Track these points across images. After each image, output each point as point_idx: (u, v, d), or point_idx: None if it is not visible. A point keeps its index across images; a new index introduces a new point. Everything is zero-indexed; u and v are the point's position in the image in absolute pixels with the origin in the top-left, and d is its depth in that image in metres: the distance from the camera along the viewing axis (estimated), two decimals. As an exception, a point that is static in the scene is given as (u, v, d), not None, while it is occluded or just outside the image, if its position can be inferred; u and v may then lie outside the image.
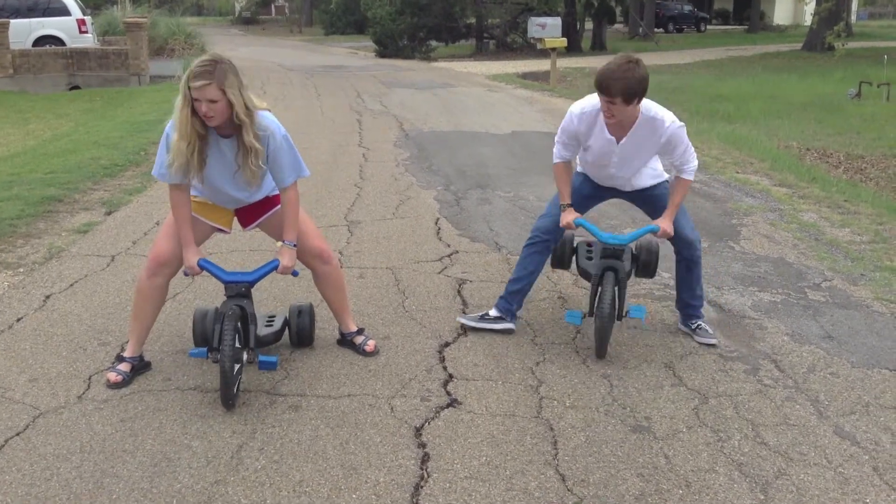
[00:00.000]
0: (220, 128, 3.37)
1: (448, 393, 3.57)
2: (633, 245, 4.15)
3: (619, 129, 3.83)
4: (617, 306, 3.86)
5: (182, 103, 3.26)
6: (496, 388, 3.62)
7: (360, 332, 4.03)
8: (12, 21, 18.32)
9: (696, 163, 3.96)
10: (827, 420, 3.38)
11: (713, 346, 4.07)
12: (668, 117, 3.82)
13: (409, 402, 3.48)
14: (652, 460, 3.06)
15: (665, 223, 3.94)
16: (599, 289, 3.88)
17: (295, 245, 3.60)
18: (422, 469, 2.98)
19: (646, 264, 4.20)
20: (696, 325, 4.19)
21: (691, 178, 3.98)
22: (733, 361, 3.93)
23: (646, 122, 3.81)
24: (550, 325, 4.35)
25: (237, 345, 3.32)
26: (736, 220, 6.55)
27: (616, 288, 3.85)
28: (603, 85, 3.61)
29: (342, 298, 3.98)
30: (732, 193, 7.50)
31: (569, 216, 4.03)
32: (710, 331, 4.16)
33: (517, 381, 3.70)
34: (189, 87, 3.21)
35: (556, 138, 4.12)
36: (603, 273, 3.89)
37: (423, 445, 3.14)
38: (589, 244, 4.32)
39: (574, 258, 4.32)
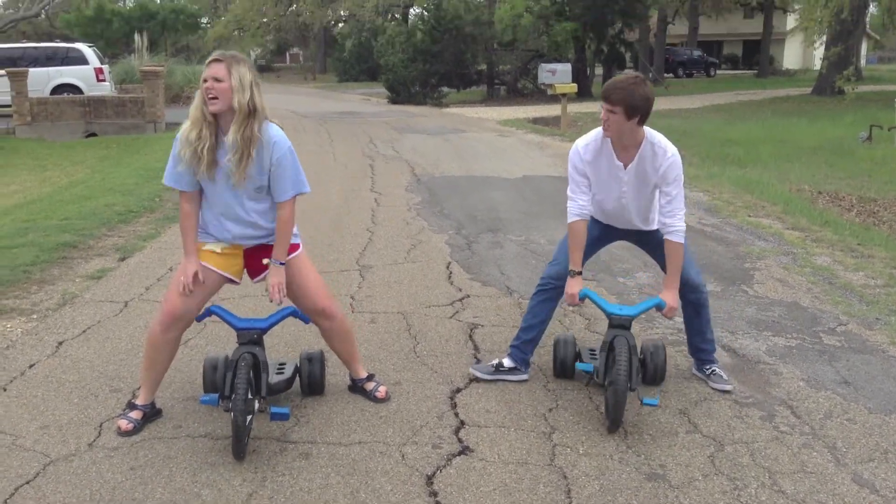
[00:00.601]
0: (224, 120, 3.37)
1: (460, 440, 3.53)
2: (639, 348, 3.94)
3: (625, 151, 3.81)
4: (632, 376, 3.59)
5: (198, 94, 3.35)
6: (508, 435, 3.58)
7: (370, 377, 4.00)
8: (31, 70, 18.69)
9: (683, 221, 3.83)
10: (845, 467, 3.32)
11: (728, 392, 4.01)
12: (670, 148, 3.81)
13: (421, 449, 3.45)
14: (667, 509, 3.01)
15: (669, 296, 3.85)
16: (610, 357, 3.70)
17: (283, 264, 3.56)
18: (433, 518, 2.94)
19: (654, 370, 4.05)
20: (710, 370, 4.14)
21: (681, 240, 3.83)
22: (749, 407, 3.88)
23: (649, 147, 3.80)
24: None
25: (249, 395, 3.30)
26: (749, 263, 6.52)
27: (629, 356, 3.60)
28: (607, 92, 3.67)
29: (350, 348, 3.96)
30: (745, 237, 7.48)
31: (575, 287, 3.89)
32: (725, 376, 4.11)
33: (530, 427, 3.66)
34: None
35: (568, 192, 4.03)
36: (613, 340, 3.69)
37: (434, 494, 3.10)
38: (591, 349, 4.23)
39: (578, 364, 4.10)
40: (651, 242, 4.16)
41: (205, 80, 3.32)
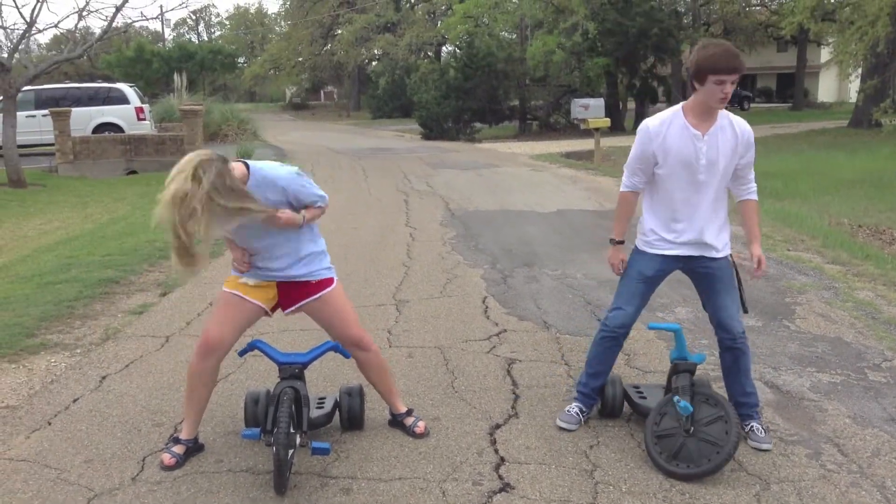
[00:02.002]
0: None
1: (500, 477, 3.51)
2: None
3: (703, 122, 3.67)
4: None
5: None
6: (549, 473, 3.55)
7: (409, 412, 4.00)
8: (74, 109, 19.17)
9: (754, 180, 3.90)
10: (896, 508, 3.24)
11: (767, 450, 3.76)
12: (741, 119, 3.76)
13: (461, 486, 3.43)
14: (713, 549, 2.96)
15: (757, 249, 3.86)
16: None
17: (304, 216, 3.56)
18: (475, 556, 2.91)
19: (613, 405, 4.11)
20: (749, 426, 3.86)
21: (756, 196, 3.91)
22: (794, 445, 3.81)
23: (725, 117, 3.71)
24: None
25: (291, 429, 3.32)
26: (790, 298, 6.44)
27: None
28: (732, 63, 3.48)
29: (387, 381, 3.97)
30: (785, 271, 7.39)
31: (619, 253, 4.00)
32: (764, 435, 3.82)
33: (571, 464, 3.63)
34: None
35: (625, 167, 3.93)
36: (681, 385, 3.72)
37: (476, 531, 3.07)
38: (636, 386, 4.22)
39: (626, 402, 4.12)
40: (701, 272, 3.90)
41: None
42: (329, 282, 3.75)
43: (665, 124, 3.73)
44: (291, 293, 3.74)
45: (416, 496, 3.34)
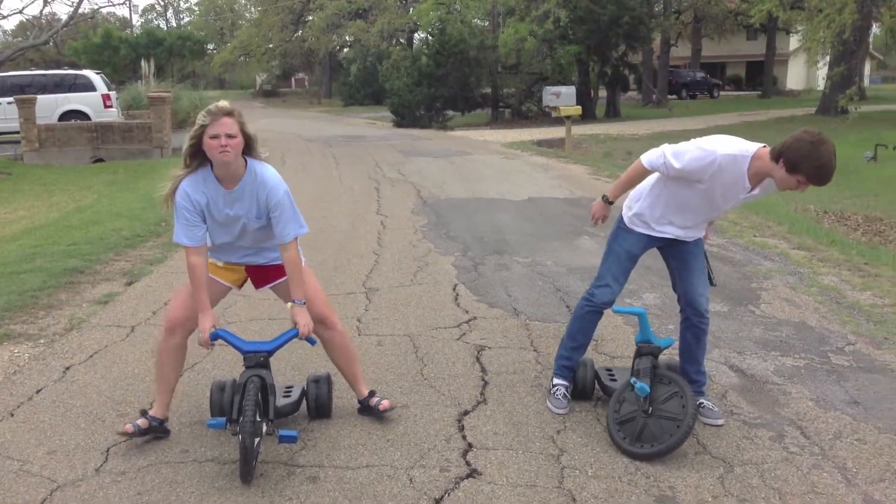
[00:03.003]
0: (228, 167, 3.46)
1: (468, 463, 3.52)
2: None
3: (759, 181, 3.61)
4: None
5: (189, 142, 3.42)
6: (517, 458, 3.57)
7: (372, 394, 3.99)
8: (39, 97, 18.85)
9: None
10: (855, 488, 3.30)
11: (720, 426, 3.87)
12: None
13: (428, 472, 3.43)
14: (677, 532, 2.99)
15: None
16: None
17: (304, 303, 3.62)
18: (442, 542, 2.92)
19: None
20: (700, 403, 3.93)
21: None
22: (758, 428, 3.86)
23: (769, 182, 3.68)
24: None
25: (257, 417, 3.30)
26: (755, 283, 6.51)
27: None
28: (826, 179, 3.40)
29: (353, 366, 3.96)
30: (751, 257, 7.47)
31: (605, 210, 4.04)
32: (716, 409, 3.97)
33: (538, 450, 3.65)
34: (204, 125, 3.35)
35: (667, 152, 3.69)
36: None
37: (442, 517, 3.08)
38: (608, 369, 4.31)
39: (596, 384, 4.20)
40: (680, 249, 4.00)
41: (215, 136, 3.35)
42: None
43: (734, 169, 3.57)
44: (261, 274, 3.82)
45: (383, 483, 3.34)
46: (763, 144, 3.59)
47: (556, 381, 4.17)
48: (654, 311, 5.73)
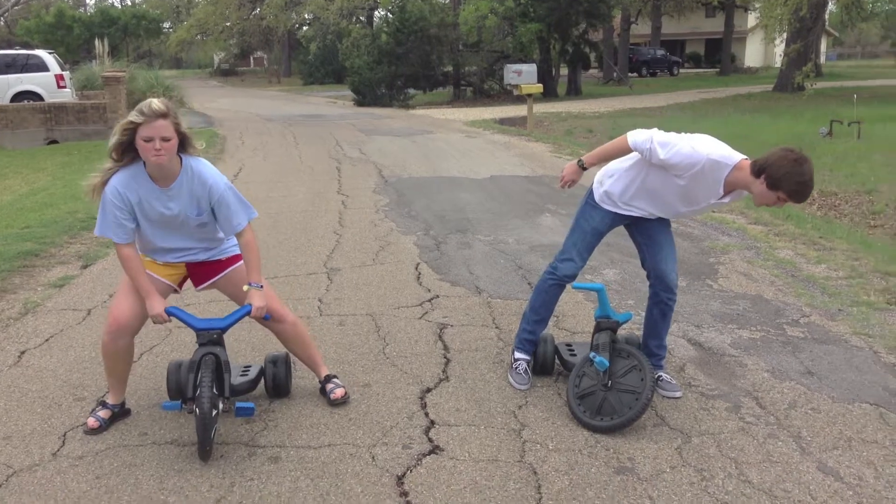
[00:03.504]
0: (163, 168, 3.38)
1: (430, 440, 3.53)
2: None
3: (733, 190, 3.65)
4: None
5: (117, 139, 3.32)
6: (479, 434, 3.58)
7: (328, 379, 3.96)
8: (-10, 77, 18.36)
9: None
10: (810, 456, 3.37)
11: (678, 398, 3.94)
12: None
13: (391, 450, 3.44)
14: (637, 502, 3.03)
15: None
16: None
17: (261, 286, 3.58)
18: (404, 518, 2.93)
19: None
20: (659, 376, 4.01)
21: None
22: (715, 399, 3.92)
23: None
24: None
25: (214, 391, 3.26)
26: (713, 258, 6.60)
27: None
28: (805, 196, 3.45)
29: (309, 351, 3.93)
30: (709, 232, 7.56)
31: (577, 174, 3.92)
32: (674, 382, 4.03)
33: (500, 425, 3.67)
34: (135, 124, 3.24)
35: (655, 139, 3.65)
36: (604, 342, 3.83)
37: (405, 494, 3.09)
38: (568, 344, 4.34)
39: (556, 359, 4.25)
40: (654, 230, 4.00)
41: (149, 139, 3.24)
42: (238, 258, 3.71)
43: (715, 172, 3.60)
44: (201, 271, 3.74)
45: (345, 462, 3.34)
46: (745, 157, 3.62)
47: (517, 355, 4.20)
48: (613, 287, 5.78)
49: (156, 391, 4.00)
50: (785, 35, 29.57)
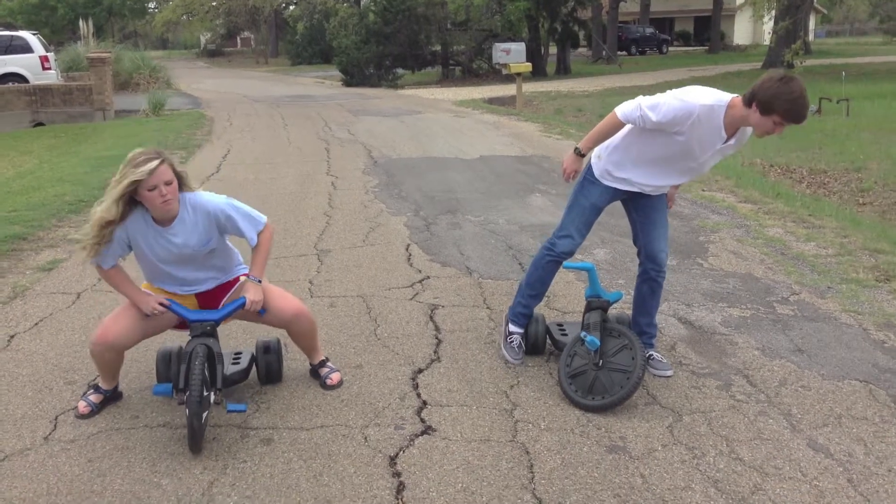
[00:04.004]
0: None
1: (422, 420, 3.54)
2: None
3: (734, 130, 3.60)
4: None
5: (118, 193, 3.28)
6: (470, 413, 3.59)
7: (322, 363, 3.94)
8: (-27, 59, 18.16)
9: None
10: (800, 433, 3.40)
11: (669, 377, 3.94)
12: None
13: (383, 430, 3.44)
14: (628, 480, 3.05)
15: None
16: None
17: (260, 281, 3.58)
18: (397, 499, 2.94)
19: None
20: (650, 355, 4.03)
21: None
22: (705, 378, 3.94)
23: (742, 130, 3.65)
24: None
25: (204, 392, 3.22)
26: (703, 237, 6.61)
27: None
28: (801, 114, 3.38)
29: (312, 342, 3.91)
30: (699, 211, 7.58)
31: (579, 164, 3.88)
32: (665, 361, 4.04)
33: (492, 405, 3.68)
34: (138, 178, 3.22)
35: (644, 104, 3.62)
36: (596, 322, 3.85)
37: (397, 475, 3.10)
38: (559, 323, 4.35)
39: (548, 338, 4.26)
40: (649, 208, 3.98)
41: (153, 188, 3.25)
42: (244, 275, 3.70)
43: (711, 117, 3.56)
44: (210, 298, 3.69)
45: (337, 443, 3.34)
46: (736, 94, 3.59)
47: (512, 328, 4.20)
48: (604, 267, 5.79)
49: (147, 374, 3.99)
50: (773, 12, 29.53)
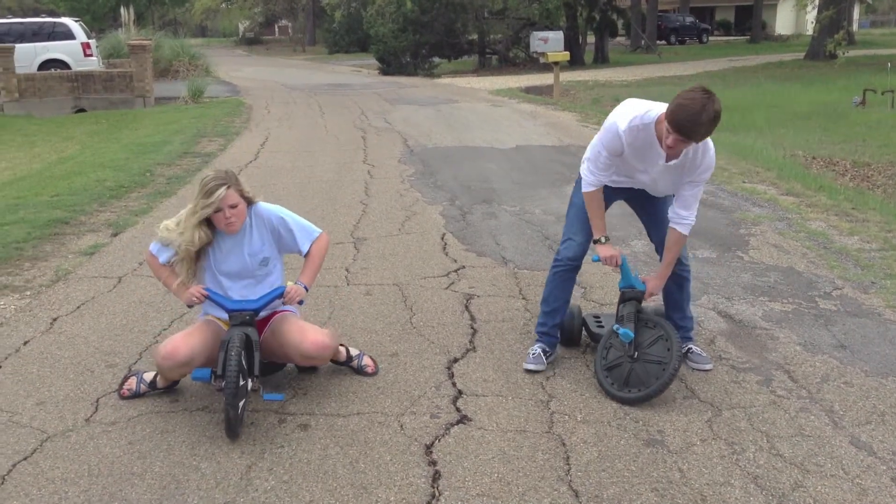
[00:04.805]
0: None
1: (458, 409, 3.53)
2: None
3: (672, 149, 3.49)
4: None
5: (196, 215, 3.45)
6: (506, 404, 3.58)
7: (350, 359, 3.90)
8: (18, 45, 18.45)
9: (695, 215, 3.75)
10: (842, 430, 3.34)
11: (707, 370, 3.88)
12: (712, 147, 3.59)
13: (419, 419, 3.45)
14: (666, 474, 3.02)
15: (654, 283, 3.85)
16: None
17: (307, 288, 3.62)
18: (433, 487, 2.94)
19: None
20: (687, 348, 3.98)
21: (687, 232, 3.76)
22: (746, 372, 3.89)
23: (699, 146, 3.53)
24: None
25: (240, 382, 3.24)
26: (744, 229, 6.51)
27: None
28: (689, 131, 3.29)
29: (337, 358, 3.89)
30: (739, 203, 7.47)
31: (610, 250, 3.81)
32: (704, 354, 3.97)
33: (527, 396, 3.66)
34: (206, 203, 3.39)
35: (588, 162, 3.76)
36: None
37: (433, 463, 3.10)
38: (596, 315, 4.29)
39: (584, 331, 4.20)
40: (654, 208, 3.95)
41: (218, 211, 3.40)
42: (283, 312, 3.71)
43: (637, 136, 3.54)
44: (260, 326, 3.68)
45: (374, 430, 3.35)
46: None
47: (534, 345, 4.06)
48: (641, 258, 5.73)
49: (186, 359, 4.03)
50: (817, 2, 28.94)
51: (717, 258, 5.70)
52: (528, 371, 3.93)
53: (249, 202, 3.56)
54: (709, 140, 3.54)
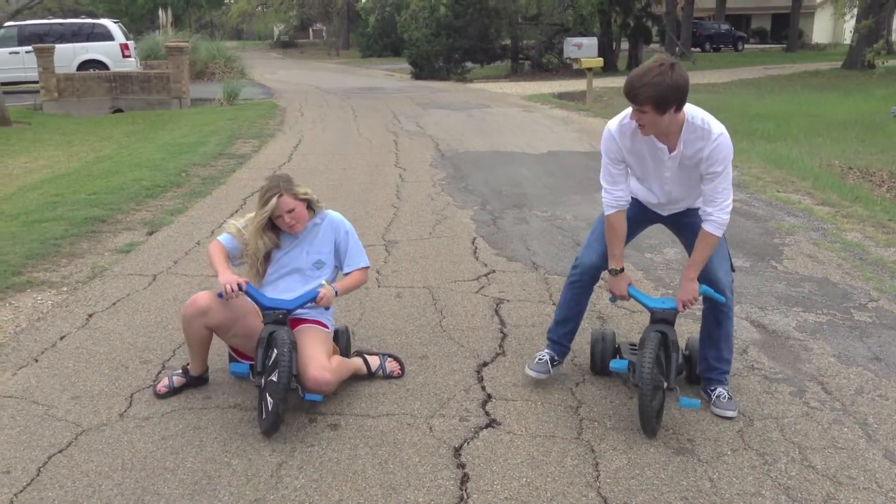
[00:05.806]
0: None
1: (487, 413, 3.54)
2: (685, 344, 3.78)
3: (667, 137, 3.35)
4: (669, 374, 3.37)
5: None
6: (536, 409, 3.58)
7: (371, 374, 3.88)
8: (57, 46, 18.80)
9: (727, 212, 3.42)
10: (876, 443, 3.29)
11: (730, 419, 3.49)
12: (716, 127, 3.33)
13: (448, 421, 3.45)
14: (696, 483, 3.00)
15: (686, 287, 3.47)
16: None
17: (337, 293, 3.67)
18: (461, 490, 2.95)
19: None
20: (715, 392, 3.60)
21: (718, 232, 3.42)
22: (778, 383, 3.84)
23: (691, 128, 3.32)
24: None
25: (290, 385, 3.28)
26: (778, 239, 6.45)
27: (662, 352, 3.37)
28: (630, 92, 3.16)
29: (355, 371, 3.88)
30: (774, 212, 7.39)
31: (622, 283, 3.58)
32: (730, 401, 3.56)
33: (557, 401, 3.66)
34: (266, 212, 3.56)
35: (602, 179, 3.56)
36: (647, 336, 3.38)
37: (462, 466, 3.11)
38: (632, 343, 3.92)
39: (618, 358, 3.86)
40: (680, 224, 3.76)
41: (278, 216, 3.58)
42: (315, 321, 3.71)
43: (629, 133, 3.43)
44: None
45: (403, 431, 3.36)
46: None
47: (541, 353, 3.91)
48: (673, 266, 5.69)
49: (218, 356, 4.05)
50: (856, 10, 28.56)
51: (750, 267, 5.64)
52: (530, 378, 3.82)
53: (309, 203, 3.69)
54: (715, 132, 3.33)
